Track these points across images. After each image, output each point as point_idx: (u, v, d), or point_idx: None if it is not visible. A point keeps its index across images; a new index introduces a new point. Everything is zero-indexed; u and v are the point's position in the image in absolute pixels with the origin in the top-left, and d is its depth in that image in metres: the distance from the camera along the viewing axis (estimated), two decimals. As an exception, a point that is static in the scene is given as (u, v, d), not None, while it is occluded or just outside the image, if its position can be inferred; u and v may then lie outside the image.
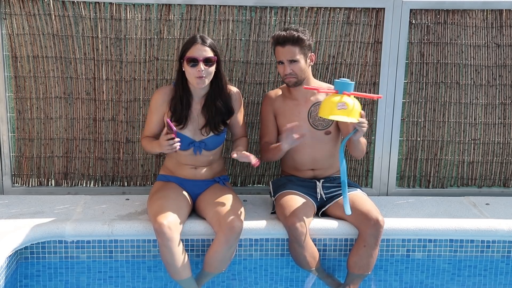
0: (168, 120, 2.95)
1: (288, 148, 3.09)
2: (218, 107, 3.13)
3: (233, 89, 3.25)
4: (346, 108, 2.87)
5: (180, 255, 2.91)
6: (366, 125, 2.98)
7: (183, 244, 2.96)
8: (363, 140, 3.18)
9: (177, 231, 2.94)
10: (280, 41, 3.14)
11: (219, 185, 3.26)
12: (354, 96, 2.91)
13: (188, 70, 3.02)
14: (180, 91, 3.11)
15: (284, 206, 3.14)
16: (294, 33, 3.13)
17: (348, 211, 3.04)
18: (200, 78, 3.00)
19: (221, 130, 3.18)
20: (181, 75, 3.10)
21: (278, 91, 3.38)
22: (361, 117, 2.93)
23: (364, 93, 3.05)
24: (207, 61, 3.00)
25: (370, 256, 3.08)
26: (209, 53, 3.01)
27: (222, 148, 3.35)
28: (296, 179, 3.35)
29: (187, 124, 3.13)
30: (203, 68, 2.98)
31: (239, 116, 3.27)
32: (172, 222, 2.92)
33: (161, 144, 2.97)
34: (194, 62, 2.98)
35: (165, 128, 3.00)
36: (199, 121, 3.16)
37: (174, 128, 2.95)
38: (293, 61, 3.15)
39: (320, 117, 3.03)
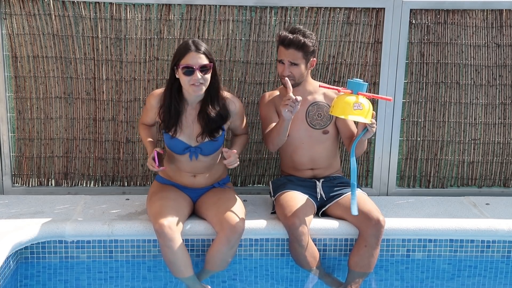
0: (156, 153, 2.97)
1: (288, 116, 3.00)
2: (212, 115, 3.05)
3: (236, 102, 3.15)
4: (361, 109, 2.91)
5: (181, 255, 2.91)
6: (375, 125, 3.01)
7: (184, 243, 2.96)
8: (365, 141, 3.20)
9: (178, 231, 2.94)
10: (285, 43, 3.13)
11: (220, 188, 3.25)
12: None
13: (183, 78, 2.94)
14: (169, 99, 3.04)
15: (284, 206, 3.14)
16: (301, 38, 3.10)
17: (355, 212, 3.04)
18: (196, 86, 2.94)
19: (217, 136, 3.12)
20: (172, 82, 3.02)
21: (275, 92, 3.37)
22: (372, 117, 2.97)
23: (376, 94, 3.07)
24: (203, 68, 2.92)
25: (371, 256, 3.08)
26: (204, 60, 2.92)
27: (221, 151, 3.33)
28: (295, 179, 3.35)
29: (179, 131, 3.07)
30: (199, 76, 2.91)
31: (242, 120, 3.23)
32: (172, 223, 2.92)
33: (148, 159, 3.05)
34: (189, 70, 2.90)
35: (155, 151, 3.02)
36: (194, 127, 3.10)
37: (157, 164, 3.00)
38: (294, 64, 3.15)
39: (332, 115, 3.04)
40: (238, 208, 3.06)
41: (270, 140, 3.20)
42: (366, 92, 2.96)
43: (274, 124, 3.24)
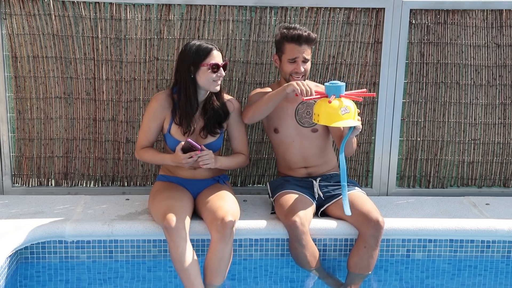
0: (191, 140, 3.00)
1: (290, 90, 3.01)
2: (215, 110, 3.18)
3: (234, 101, 3.30)
4: (349, 112, 2.87)
5: (190, 254, 2.89)
6: (360, 122, 3.00)
7: (191, 244, 2.94)
8: (353, 139, 3.18)
9: (186, 229, 2.94)
10: (301, 40, 3.14)
11: (218, 184, 3.27)
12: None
13: (208, 76, 3.07)
14: (192, 101, 3.12)
15: (284, 206, 3.14)
16: (311, 33, 3.17)
17: (348, 212, 3.03)
18: (217, 81, 3.09)
19: (218, 132, 3.20)
20: (192, 82, 3.10)
21: (268, 89, 3.37)
22: (358, 114, 2.96)
23: (357, 92, 3.02)
24: (225, 66, 3.12)
25: (371, 257, 3.07)
26: (221, 58, 3.13)
27: (221, 149, 3.36)
28: (292, 179, 3.35)
29: (194, 131, 3.17)
30: (224, 74, 3.10)
31: (239, 128, 3.28)
32: (181, 220, 2.93)
33: (179, 160, 3.03)
34: (217, 67, 3.07)
35: (180, 144, 3.03)
36: (198, 123, 3.19)
37: (199, 146, 3.03)
38: (305, 60, 3.18)
39: (315, 123, 3.02)
40: (231, 205, 3.06)
41: (255, 107, 3.18)
42: (345, 92, 2.92)
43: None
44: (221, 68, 3.09)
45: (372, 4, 3.55)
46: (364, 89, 3.19)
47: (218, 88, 3.12)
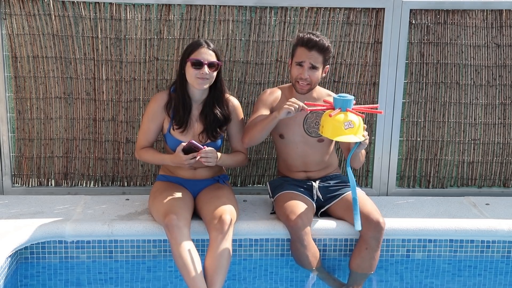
0: (194, 142, 3.01)
1: (284, 116, 2.99)
2: (215, 114, 3.16)
3: (234, 101, 3.28)
4: (353, 127, 2.84)
5: (191, 251, 2.87)
6: (368, 138, 2.98)
7: (193, 243, 2.93)
8: (362, 151, 3.15)
9: (187, 227, 2.94)
10: (309, 44, 3.08)
11: (218, 184, 3.27)
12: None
13: (190, 71, 3.06)
14: (181, 94, 3.13)
15: (285, 207, 3.14)
16: (325, 42, 3.10)
17: (359, 227, 3.00)
18: (201, 79, 3.04)
19: (218, 137, 3.21)
20: (182, 77, 3.12)
21: (278, 91, 3.33)
22: (364, 130, 2.94)
23: (366, 107, 3.01)
24: (211, 65, 3.05)
25: (373, 258, 3.07)
26: (214, 58, 3.07)
27: (221, 150, 3.36)
28: (291, 180, 3.34)
29: (187, 128, 3.15)
30: (207, 72, 3.04)
31: (238, 127, 3.27)
32: (182, 218, 2.93)
33: (179, 161, 3.04)
34: (199, 64, 3.03)
35: (181, 145, 3.03)
36: (197, 127, 3.19)
37: (202, 147, 3.02)
38: (314, 68, 3.11)
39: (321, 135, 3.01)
40: (228, 203, 3.06)
41: (250, 133, 3.14)
42: (353, 106, 2.90)
43: (264, 113, 3.19)
44: (205, 66, 3.03)
45: (372, 4, 3.55)
46: (377, 105, 3.17)
47: (204, 86, 3.08)
